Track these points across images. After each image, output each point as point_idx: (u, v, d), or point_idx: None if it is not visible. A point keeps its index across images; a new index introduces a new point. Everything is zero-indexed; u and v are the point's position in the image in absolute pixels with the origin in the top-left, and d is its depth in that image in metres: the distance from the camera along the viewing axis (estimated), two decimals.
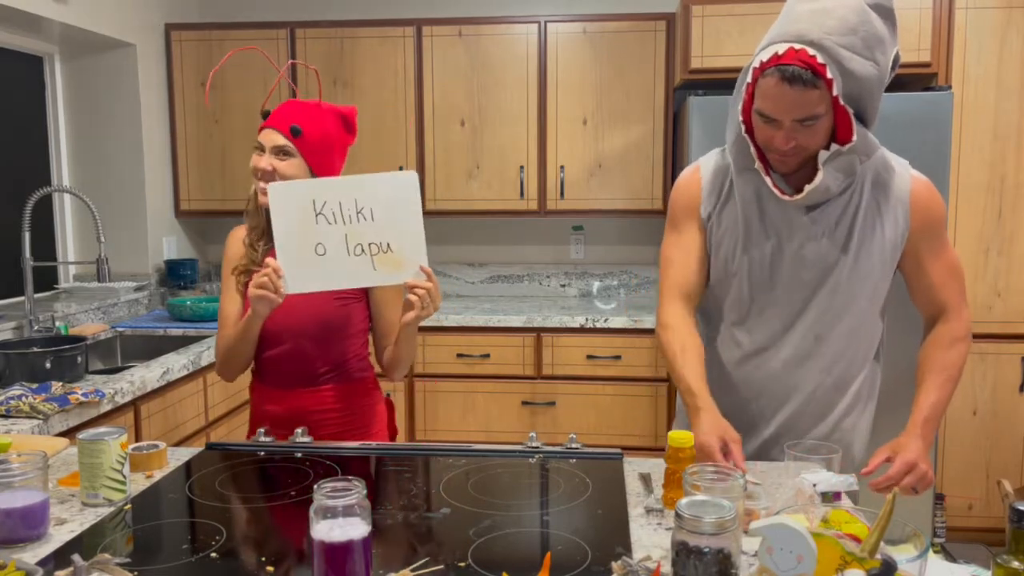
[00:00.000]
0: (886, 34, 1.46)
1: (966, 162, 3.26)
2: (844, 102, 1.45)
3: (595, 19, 3.65)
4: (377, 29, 3.73)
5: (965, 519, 3.39)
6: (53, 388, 2.16)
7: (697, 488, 1.18)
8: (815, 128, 1.47)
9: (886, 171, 1.61)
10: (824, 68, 1.40)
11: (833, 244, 1.60)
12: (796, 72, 1.41)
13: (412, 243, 1.71)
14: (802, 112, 1.44)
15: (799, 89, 1.42)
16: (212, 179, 3.89)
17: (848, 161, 1.53)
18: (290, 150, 1.80)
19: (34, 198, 2.82)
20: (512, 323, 3.53)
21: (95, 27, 3.32)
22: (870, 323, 1.68)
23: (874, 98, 1.49)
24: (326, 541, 1.01)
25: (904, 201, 1.60)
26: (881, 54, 1.45)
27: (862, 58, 1.43)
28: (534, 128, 3.73)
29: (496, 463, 1.60)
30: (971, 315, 1.71)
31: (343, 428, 1.92)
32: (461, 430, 3.59)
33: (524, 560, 1.17)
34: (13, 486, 1.22)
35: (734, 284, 1.68)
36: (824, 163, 1.51)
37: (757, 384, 1.70)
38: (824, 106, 1.45)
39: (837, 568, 0.94)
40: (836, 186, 1.54)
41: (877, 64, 1.45)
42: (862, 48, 1.42)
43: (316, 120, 1.82)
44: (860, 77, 1.43)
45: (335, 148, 1.86)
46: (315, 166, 1.83)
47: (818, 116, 1.46)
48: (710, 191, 1.68)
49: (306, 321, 1.86)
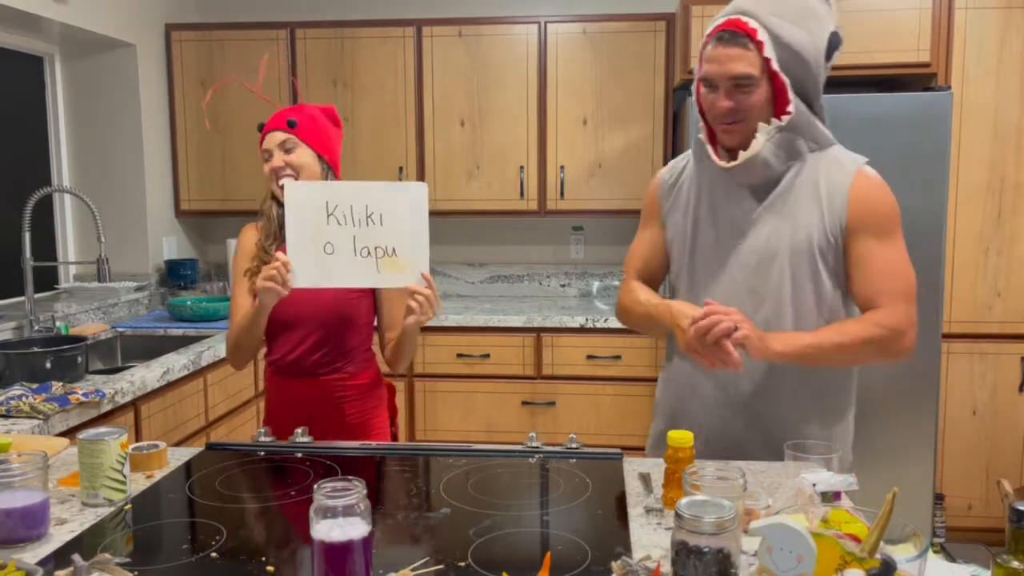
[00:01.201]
0: (819, 8, 1.54)
1: (966, 162, 3.26)
2: (780, 70, 1.53)
3: (595, 19, 3.65)
4: (377, 29, 3.73)
5: (965, 519, 3.39)
6: (53, 388, 2.16)
7: (697, 488, 1.18)
8: (751, 92, 1.55)
9: (835, 164, 1.63)
10: (755, 32, 1.51)
11: (775, 231, 1.62)
12: (729, 34, 1.53)
13: (416, 250, 1.81)
14: (735, 69, 1.53)
15: (731, 49, 1.53)
16: (212, 179, 3.89)
17: (789, 140, 1.58)
18: (293, 141, 1.95)
19: (34, 198, 2.82)
20: (512, 323, 3.53)
21: (95, 27, 3.32)
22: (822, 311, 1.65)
23: (811, 70, 1.55)
24: (326, 541, 1.01)
25: (843, 194, 1.60)
26: (814, 25, 1.53)
27: (793, 25, 1.52)
28: (534, 128, 3.73)
29: (496, 463, 1.60)
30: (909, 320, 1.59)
31: (349, 416, 2.02)
32: (461, 430, 3.59)
33: (524, 560, 1.18)
34: (13, 486, 1.22)
35: (684, 274, 1.74)
36: (762, 134, 1.57)
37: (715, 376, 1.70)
38: (757, 69, 1.53)
39: (837, 568, 0.94)
40: (777, 162, 1.59)
41: (810, 33, 1.53)
42: (793, 17, 1.52)
43: (304, 112, 1.99)
44: (791, 43, 1.52)
45: (330, 134, 2.02)
46: (319, 148, 1.97)
47: (751, 77, 1.53)
48: (667, 188, 1.78)
49: (317, 313, 1.97)
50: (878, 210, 1.62)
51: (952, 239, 3.27)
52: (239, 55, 3.80)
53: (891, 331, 1.58)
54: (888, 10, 3.24)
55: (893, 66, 3.28)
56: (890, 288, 1.60)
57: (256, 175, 3.85)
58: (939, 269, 3.12)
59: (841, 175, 1.61)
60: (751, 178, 1.62)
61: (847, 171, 1.62)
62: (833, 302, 1.66)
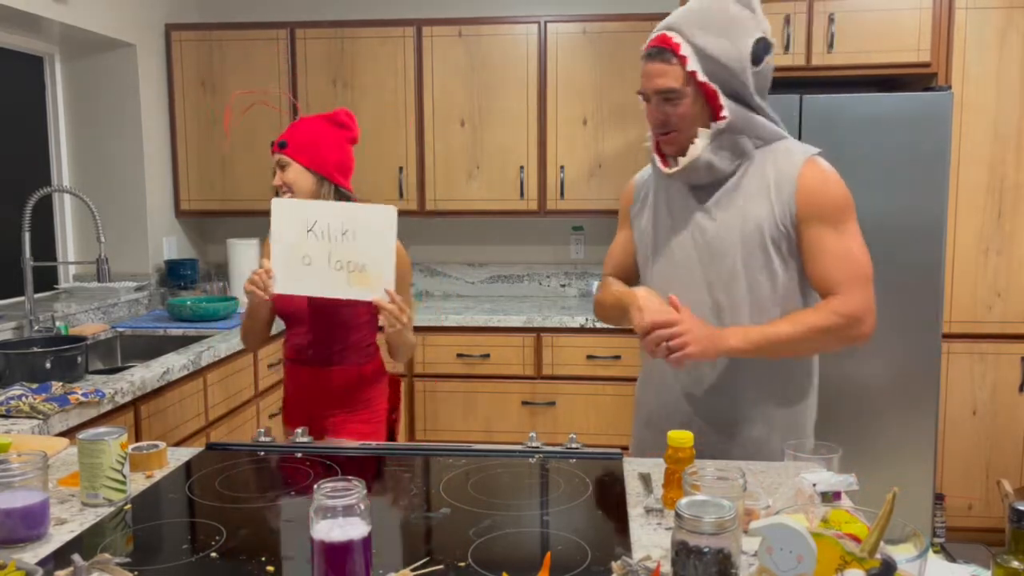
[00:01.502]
0: (743, 17, 1.60)
1: (966, 162, 3.26)
2: (708, 80, 1.59)
3: (595, 19, 3.65)
4: (377, 29, 3.73)
5: (965, 519, 3.39)
6: (53, 388, 2.16)
7: (697, 488, 1.18)
8: (677, 104, 1.61)
9: (784, 156, 1.66)
10: (678, 46, 1.59)
11: (726, 225, 1.66)
12: (654, 49, 1.62)
13: (383, 268, 1.97)
14: (660, 83, 1.61)
15: (656, 64, 1.61)
16: (212, 179, 3.89)
17: (732, 141, 1.63)
18: (285, 161, 2.14)
19: (34, 198, 2.82)
20: (512, 323, 3.53)
21: (95, 27, 3.32)
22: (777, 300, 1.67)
23: (738, 76, 1.60)
24: (326, 541, 1.01)
25: (791, 183, 1.63)
26: (739, 36, 1.59)
27: (715, 37, 1.58)
28: (534, 128, 3.73)
29: (496, 463, 1.60)
30: (866, 306, 1.60)
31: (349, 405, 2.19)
32: (461, 430, 3.59)
33: (524, 560, 1.18)
34: (13, 486, 1.22)
35: (648, 273, 1.80)
36: (701, 139, 1.62)
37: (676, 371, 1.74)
38: (681, 81, 1.60)
39: (837, 568, 0.94)
40: (722, 163, 1.64)
41: (732, 43, 1.58)
42: (716, 29, 1.58)
43: (301, 129, 2.15)
44: (713, 54, 1.58)
45: (325, 144, 2.15)
46: (309, 163, 2.13)
47: (676, 90, 1.60)
48: (636, 194, 1.86)
49: (317, 310, 2.14)
50: (827, 198, 1.63)
51: (952, 239, 3.27)
52: (239, 55, 3.80)
53: (848, 318, 1.60)
54: (888, 10, 3.24)
55: (893, 66, 3.28)
56: (845, 275, 1.61)
57: (256, 175, 3.85)
58: (939, 269, 3.13)
59: (789, 166, 1.64)
60: (699, 179, 1.67)
61: (795, 162, 1.64)
62: (789, 290, 1.68)
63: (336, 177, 2.16)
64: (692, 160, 1.63)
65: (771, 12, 3.31)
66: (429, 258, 4.22)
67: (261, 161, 3.83)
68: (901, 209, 3.11)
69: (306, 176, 2.13)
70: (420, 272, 4.22)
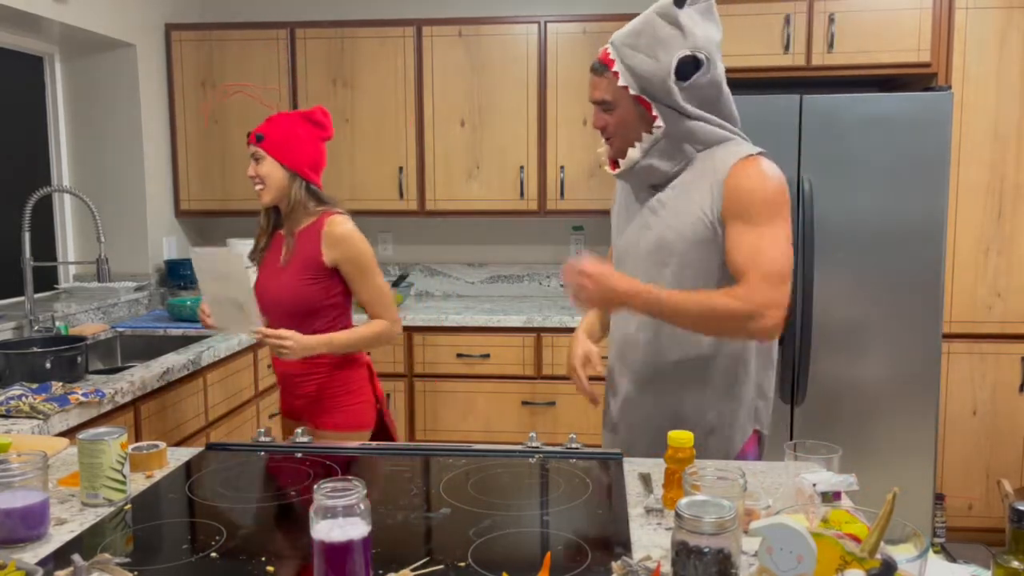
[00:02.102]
0: (670, 36, 1.69)
1: (966, 162, 3.26)
2: (641, 93, 1.70)
3: (595, 19, 3.65)
4: (377, 29, 3.73)
5: (965, 519, 3.39)
6: (53, 388, 2.16)
7: (697, 488, 1.18)
8: (611, 113, 1.75)
9: (722, 155, 1.72)
10: (612, 62, 1.72)
11: (666, 224, 1.75)
12: (597, 63, 1.76)
13: (250, 304, 2.09)
14: (596, 95, 1.76)
15: (594, 76, 1.77)
16: (212, 179, 3.89)
17: (674, 145, 1.73)
18: (260, 154, 2.22)
19: (34, 198, 2.82)
20: (512, 323, 3.53)
21: (95, 27, 3.32)
22: None
23: (665, 90, 1.69)
24: (326, 541, 1.01)
25: (720, 183, 1.69)
26: (664, 53, 1.68)
27: (643, 55, 1.69)
28: (534, 128, 3.73)
29: (496, 463, 1.60)
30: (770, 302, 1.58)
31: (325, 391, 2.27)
32: (461, 430, 3.59)
33: (524, 560, 1.18)
34: (13, 486, 1.22)
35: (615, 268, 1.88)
36: (640, 145, 1.74)
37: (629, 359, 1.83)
38: (612, 93, 1.73)
39: (837, 568, 0.94)
40: (665, 165, 1.74)
41: (658, 61, 1.68)
42: (644, 47, 1.70)
43: (279, 124, 2.23)
44: (641, 71, 1.70)
45: (300, 141, 2.23)
46: (284, 159, 2.22)
47: (608, 102, 1.74)
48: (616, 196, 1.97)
49: (278, 300, 2.24)
50: (747, 195, 1.65)
51: (952, 239, 3.27)
52: (239, 55, 3.80)
53: (747, 304, 1.57)
54: (888, 10, 3.24)
55: (893, 66, 3.28)
56: (754, 267, 1.60)
57: None
58: (939, 269, 3.13)
59: (723, 165, 1.70)
60: (646, 180, 1.78)
61: (729, 161, 1.70)
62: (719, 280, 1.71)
63: (308, 174, 2.25)
64: (629, 164, 1.76)
65: (771, 12, 3.31)
66: (429, 258, 4.22)
67: None
68: (901, 209, 3.11)
69: (280, 171, 2.22)
70: (420, 272, 4.22)
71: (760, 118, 3.12)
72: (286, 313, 2.23)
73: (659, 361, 1.78)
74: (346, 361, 2.30)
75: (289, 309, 2.23)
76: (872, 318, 3.13)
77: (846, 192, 3.10)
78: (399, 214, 3.84)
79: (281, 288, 2.24)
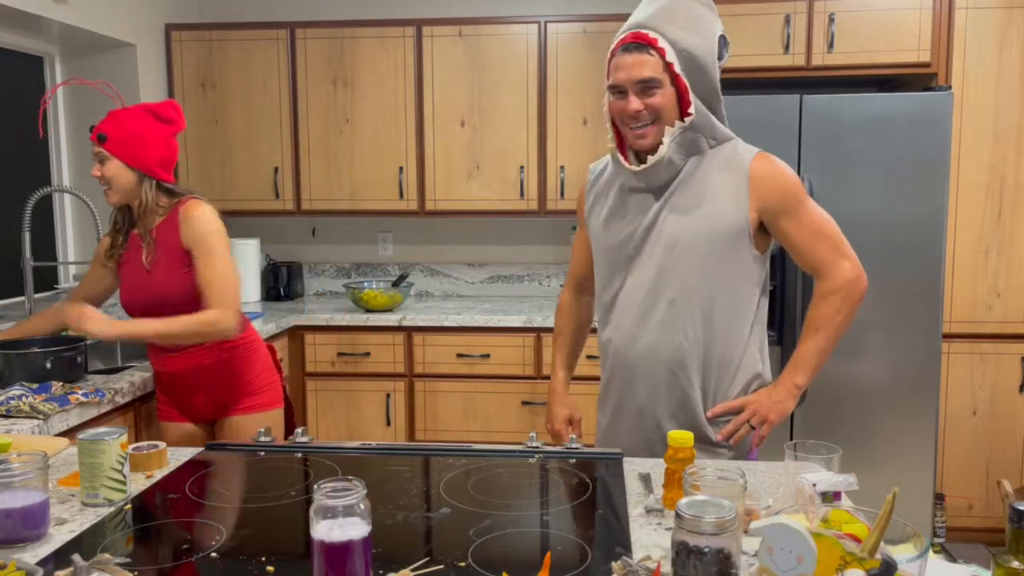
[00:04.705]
0: (705, 14, 1.69)
1: (966, 162, 3.26)
2: (681, 73, 1.66)
3: (595, 19, 3.65)
4: (377, 29, 3.73)
5: (965, 519, 3.39)
6: (53, 388, 2.16)
7: (697, 488, 1.18)
8: (658, 94, 1.67)
9: (733, 154, 1.74)
10: (655, 40, 1.66)
11: (677, 221, 1.73)
12: (633, 43, 1.67)
13: None
14: (641, 73, 1.66)
15: (635, 55, 1.67)
16: (212, 179, 3.89)
17: (691, 138, 1.71)
18: (103, 155, 2.14)
19: (34, 198, 2.82)
20: (512, 323, 3.53)
21: (95, 27, 3.32)
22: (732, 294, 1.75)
23: (707, 72, 1.68)
24: (326, 541, 1.01)
25: (744, 177, 1.71)
26: (705, 29, 1.68)
27: (686, 32, 1.66)
28: (534, 128, 3.73)
29: (496, 463, 1.60)
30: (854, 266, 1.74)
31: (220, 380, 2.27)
32: (461, 430, 3.59)
33: (524, 560, 1.18)
34: (13, 486, 1.22)
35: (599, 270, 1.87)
36: (667, 136, 1.69)
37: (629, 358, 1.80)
38: (660, 72, 1.66)
39: (837, 568, 0.94)
40: (679, 159, 1.72)
41: (702, 38, 1.67)
42: (685, 24, 1.66)
43: (123, 122, 2.14)
44: (687, 48, 1.66)
45: (147, 139, 2.15)
46: (128, 159, 2.14)
47: (656, 80, 1.66)
48: (589, 188, 1.93)
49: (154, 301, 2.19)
50: (779, 184, 1.72)
51: (952, 239, 3.27)
52: (239, 55, 3.80)
53: (846, 289, 1.73)
54: (888, 10, 3.24)
55: (893, 66, 3.28)
56: (825, 248, 1.74)
57: (256, 175, 3.84)
58: (939, 269, 3.12)
59: (740, 162, 1.72)
60: (658, 176, 1.74)
61: (745, 158, 1.73)
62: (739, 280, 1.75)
63: (159, 173, 2.17)
64: (660, 157, 1.70)
65: (771, 12, 3.31)
66: (429, 258, 4.22)
67: (261, 161, 3.83)
68: (901, 209, 3.11)
69: (127, 173, 2.14)
70: (420, 272, 4.22)
71: (760, 118, 3.12)
72: (166, 314, 2.16)
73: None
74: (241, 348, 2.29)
75: (168, 308, 2.17)
76: (872, 318, 3.13)
77: (846, 192, 3.10)
78: (399, 214, 3.84)
79: (153, 289, 2.19)
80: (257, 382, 2.33)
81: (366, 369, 3.60)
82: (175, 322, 2.11)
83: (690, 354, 1.74)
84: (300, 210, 3.84)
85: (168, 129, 2.18)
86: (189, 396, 2.31)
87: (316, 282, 4.27)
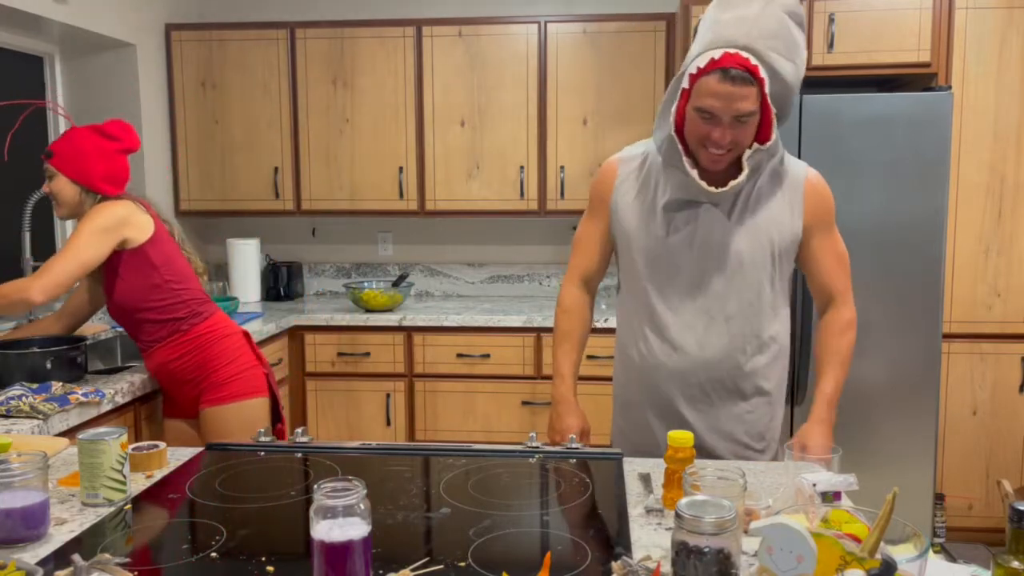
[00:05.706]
0: (800, 39, 1.64)
1: (966, 162, 3.26)
2: (771, 101, 1.62)
3: (595, 19, 3.65)
4: (377, 29, 3.73)
5: (965, 519, 3.39)
6: (53, 388, 2.16)
7: (697, 488, 1.18)
8: (748, 124, 1.61)
9: (781, 165, 1.74)
10: (757, 68, 1.57)
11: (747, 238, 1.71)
12: (737, 73, 1.56)
13: None
14: (741, 108, 1.58)
15: (740, 87, 1.56)
16: (212, 179, 3.89)
17: (759, 159, 1.68)
18: (51, 171, 2.25)
19: (34, 198, 2.82)
20: (512, 323, 3.53)
21: (95, 27, 3.32)
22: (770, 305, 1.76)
23: (789, 99, 1.67)
24: (326, 541, 1.01)
25: (799, 190, 1.73)
26: (798, 57, 1.63)
27: (785, 59, 1.60)
28: (534, 128, 3.73)
29: (496, 463, 1.60)
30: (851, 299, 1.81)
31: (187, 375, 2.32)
32: (461, 430, 3.59)
33: (524, 560, 1.18)
34: (13, 486, 1.22)
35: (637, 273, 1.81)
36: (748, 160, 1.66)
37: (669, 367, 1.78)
38: (757, 104, 1.60)
39: (837, 568, 0.94)
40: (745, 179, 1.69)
41: (796, 66, 1.63)
42: (784, 50, 1.60)
43: (70, 140, 2.25)
44: (784, 77, 1.61)
45: (91, 155, 2.24)
46: (74, 175, 2.24)
47: (753, 113, 1.60)
48: (624, 179, 1.81)
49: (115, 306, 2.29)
50: (827, 204, 1.76)
51: (952, 239, 3.27)
52: (239, 55, 3.80)
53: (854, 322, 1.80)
54: (888, 10, 3.24)
55: (893, 66, 3.28)
56: (843, 279, 1.79)
57: (256, 175, 3.85)
58: (939, 269, 3.12)
59: (792, 173, 1.73)
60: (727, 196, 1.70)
61: (799, 176, 1.74)
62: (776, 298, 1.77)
63: (102, 187, 2.26)
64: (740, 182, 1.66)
65: None
66: (429, 258, 4.22)
67: (261, 161, 3.83)
68: (901, 209, 3.10)
69: (70, 187, 2.25)
70: (420, 272, 4.22)
71: None
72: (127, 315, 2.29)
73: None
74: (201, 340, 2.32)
75: (127, 310, 2.29)
76: (872, 318, 3.13)
77: (846, 192, 3.09)
78: (399, 214, 3.84)
79: (111, 295, 2.29)
80: (223, 371, 2.35)
81: (366, 369, 3.60)
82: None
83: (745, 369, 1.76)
84: (300, 210, 3.84)
85: (113, 145, 2.27)
86: (171, 392, 2.40)
87: (316, 282, 4.27)
